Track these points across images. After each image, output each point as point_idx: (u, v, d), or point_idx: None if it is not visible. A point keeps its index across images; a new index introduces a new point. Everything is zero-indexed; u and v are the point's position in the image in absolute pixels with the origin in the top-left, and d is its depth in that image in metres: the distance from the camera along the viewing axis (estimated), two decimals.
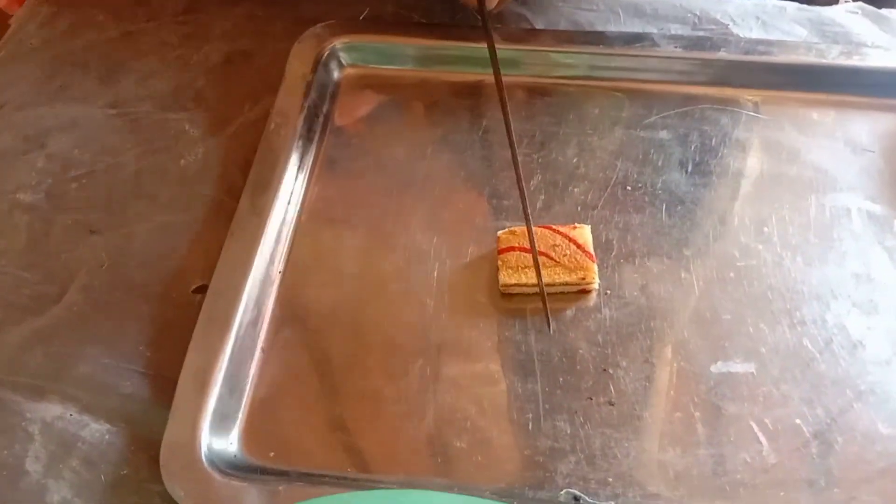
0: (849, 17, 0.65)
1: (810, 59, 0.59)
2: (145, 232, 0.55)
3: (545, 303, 0.48)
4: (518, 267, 0.50)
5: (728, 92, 0.60)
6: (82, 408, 0.47)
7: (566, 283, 0.50)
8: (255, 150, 0.56)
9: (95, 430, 0.46)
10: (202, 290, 0.51)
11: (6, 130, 0.62)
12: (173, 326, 0.50)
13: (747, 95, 0.60)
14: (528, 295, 0.50)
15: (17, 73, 0.67)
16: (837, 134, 0.58)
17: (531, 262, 0.49)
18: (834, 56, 0.59)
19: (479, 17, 0.54)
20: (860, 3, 0.66)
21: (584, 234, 0.51)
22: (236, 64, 0.65)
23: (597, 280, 0.50)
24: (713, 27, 0.65)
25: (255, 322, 0.49)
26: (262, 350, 0.49)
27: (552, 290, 0.50)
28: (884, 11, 0.66)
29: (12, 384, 0.48)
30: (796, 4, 0.67)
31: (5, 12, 0.75)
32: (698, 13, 0.66)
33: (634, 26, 0.65)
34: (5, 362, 0.49)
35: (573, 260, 0.50)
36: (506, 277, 0.50)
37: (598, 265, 0.51)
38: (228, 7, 0.70)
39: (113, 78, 0.65)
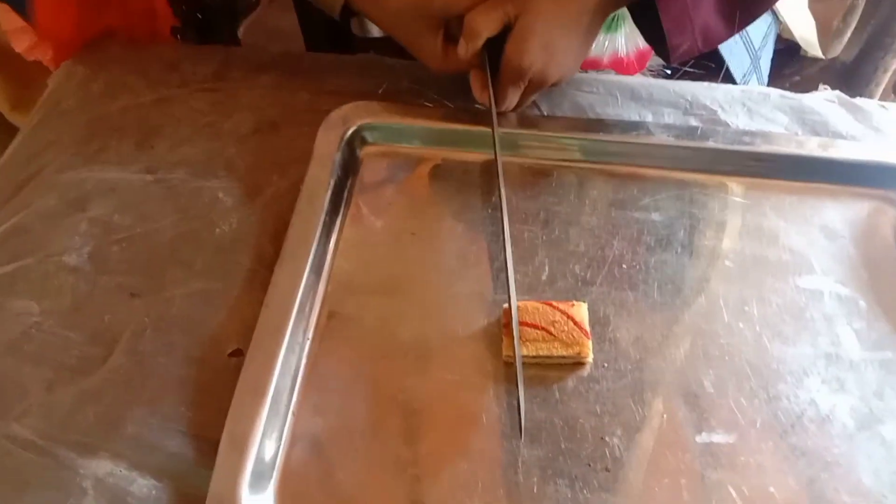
0: (826, 106, 0.72)
1: (790, 149, 0.66)
2: (183, 297, 0.59)
3: (520, 411, 0.52)
4: (521, 340, 0.55)
5: (716, 178, 0.66)
6: (131, 465, 0.52)
7: (563, 357, 0.56)
8: (284, 220, 0.62)
9: (143, 485, 0.51)
10: (237, 353, 0.56)
11: (49, 193, 0.67)
12: (211, 389, 0.54)
13: (733, 182, 0.66)
14: (533, 366, 0.56)
15: (55, 135, 0.71)
16: (814, 220, 0.64)
17: (533, 337, 0.56)
18: (812, 148, 0.66)
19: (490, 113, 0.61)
20: (837, 93, 0.73)
21: (581, 311, 0.57)
22: (264, 133, 0.70)
23: (591, 354, 0.56)
24: (703, 112, 0.72)
25: (286, 387, 0.55)
26: (293, 413, 0.54)
27: (550, 361, 0.56)
28: (857, 101, 0.73)
29: (66, 441, 0.53)
30: (779, 92, 0.74)
31: (45, 68, 0.80)
32: (689, 98, 0.73)
33: (631, 109, 0.72)
34: (59, 421, 0.54)
35: (570, 336, 0.56)
36: (508, 349, 0.56)
37: (597, 339, 0.57)
38: (254, 76, 0.76)
39: (148, 143, 0.70)
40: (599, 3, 0.61)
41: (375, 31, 1.02)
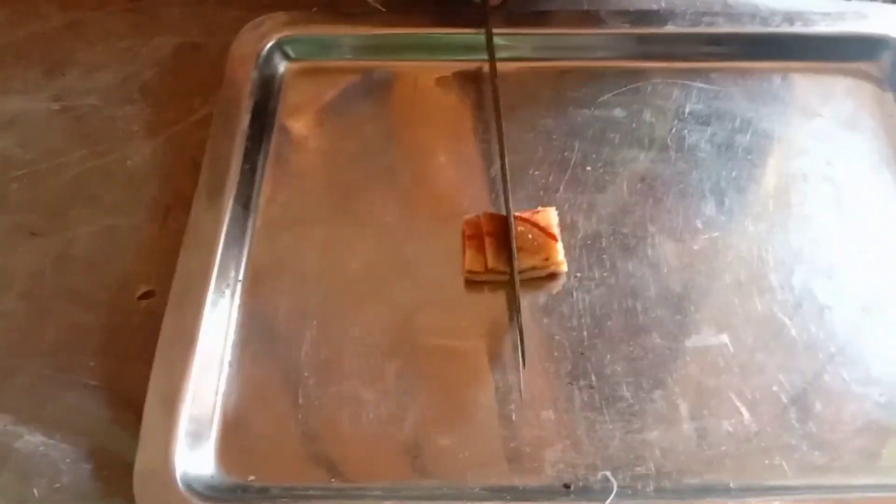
0: None
1: (755, 28, 0.60)
2: (89, 236, 0.53)
3: (521, 334, 0.47)
4: (482, 253, 0.49)
5: (678, 65, 0.59)
6: (18, 419, 0.45)
7: (532, 268, 0.49)
8: (203, 150, 0.54)
9: (30, 441, 0.44)
10: (148, 295, 0.50)
11: None
12: (119, 335, 0.48)
13: (697, 67, 0.59)
14: (502, 283, 0.49)
15: None
16: (787, 100, 0.58)
17: (496, 248, 0.49)
18: (777, 23, 0.59)
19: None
20: None
21: (548, 216, 0.50)
22: (186, 56, 0.63)
23: (562, 260, 0.49)
24: None
25: (219, 336, 0.47)
26: (230, 364, 0.47)
27: (521, 276, 0.49)
28: None
29: None
30: None
31: None
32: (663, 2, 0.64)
33: None
34: None
35: (534, 243, 0.49)
36: (471, 263, 0.49)
37: (567, 248, 0.50)
38: None
39: (57, 70, 0.62)
40: None
41: None
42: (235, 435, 0.44)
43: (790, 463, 0.43)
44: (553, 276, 0.50)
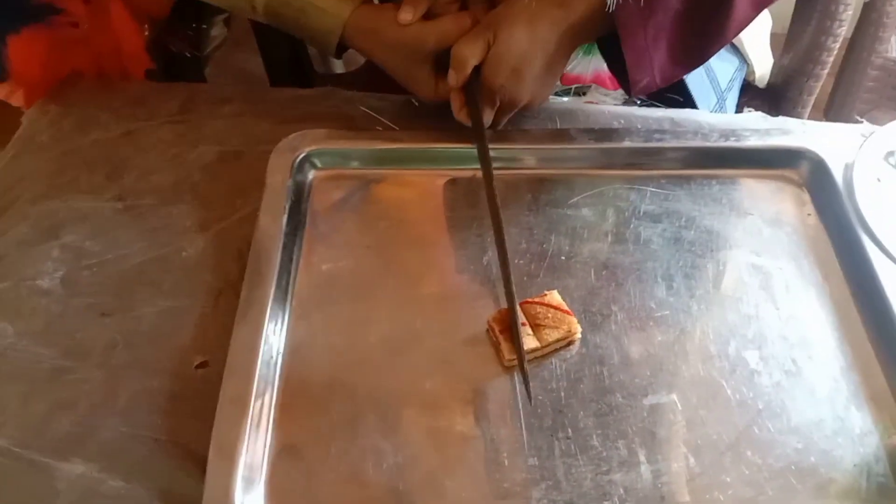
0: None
1: (697, 142, 0.72)
2: (152, 315, 0.62)
3: (527, 378, 0.57)
4: (513, 342, 0.59)
5: (635, 173, 0.71)
6: (101, 468, 0.54)
7: (558, 340, 0.59)
8: (247, 242, 0.65)
9: (112, 486, 0.53)
10: (204, 365, 0.59)
11: (23, 222, 0.69)
12: (181, 398, 0.58)
13: (650, 174, 0.71)
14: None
15: (30, 168, 0.74)
16: (723, 201, 0.70)
17: (525, 334, 0.59)
18: (716, 138, 0.72)
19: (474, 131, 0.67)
20: (760, 114, 0.78)
21: (555, 297, 0.61)
22: (228, 161, 0.73)
23: (579, 329, 0.60)
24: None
25: (266, 397, 0.57)
26: (274, 421, 0.57)
27: (548, 349, 0.60)
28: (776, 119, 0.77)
29: (40, 448, 0.55)
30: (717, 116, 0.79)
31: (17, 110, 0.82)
32: (622, 122, 0.77)
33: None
34: (34, 430, 0.56)
35: (556, 319, 0.60)
36: (510, 352, 0.58)
37: None
38: (218, 108, 0.79)
39: (117, 174, 0.73)
40: (566, 37, 0.67)
41: (338, 69, 1.07)
42: (279, 480, 0.54)
43: (725, 497, 0.53)
44: (570, 343, 0.60)
